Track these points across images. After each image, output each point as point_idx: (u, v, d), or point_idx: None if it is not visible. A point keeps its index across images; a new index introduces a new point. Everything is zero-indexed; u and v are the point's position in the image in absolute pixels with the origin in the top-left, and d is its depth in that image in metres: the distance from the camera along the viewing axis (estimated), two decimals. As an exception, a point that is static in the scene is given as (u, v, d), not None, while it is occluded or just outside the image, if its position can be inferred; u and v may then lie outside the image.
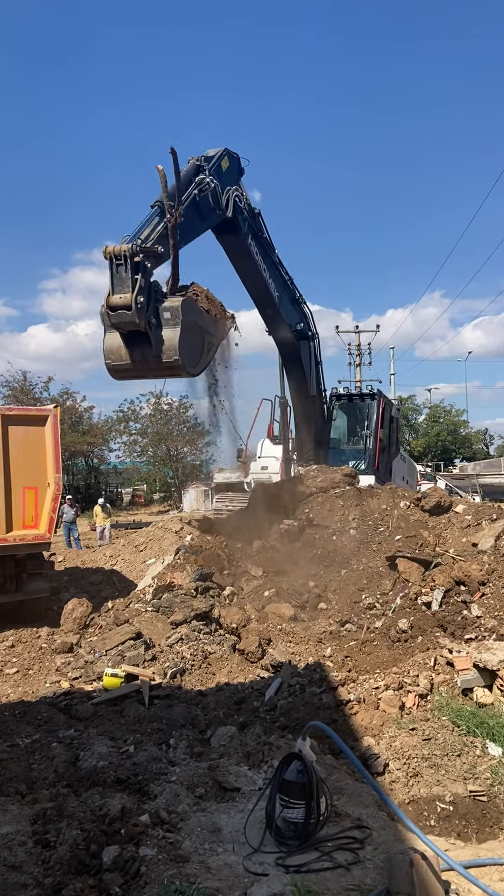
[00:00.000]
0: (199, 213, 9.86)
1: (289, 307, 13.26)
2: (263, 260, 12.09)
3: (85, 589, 12.59)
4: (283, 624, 8.75)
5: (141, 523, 27.28)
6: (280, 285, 12.76)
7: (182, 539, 15.09)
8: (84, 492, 38.80)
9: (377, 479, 14.61)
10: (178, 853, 3.58)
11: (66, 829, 3.83)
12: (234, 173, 10.88)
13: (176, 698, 6.78)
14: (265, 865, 3.47)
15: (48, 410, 11.00)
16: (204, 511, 30.08)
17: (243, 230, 11.26)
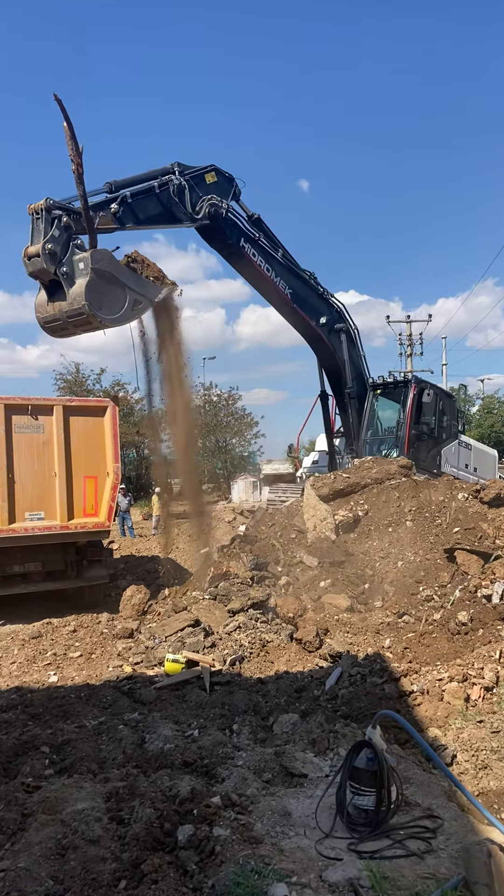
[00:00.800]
0: (161, 204, 11.19)
1: (306, 303, 13.86)
2: (266, 262, 12.90)
3: (141, 576, 12.85)
4: (340, 614, 8.77)
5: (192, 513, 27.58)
6: (292, 283, 13.39)
7: (235, 529, 15.26)
8: (135, 482, 39.35)
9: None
10: (251, 835, 3.65)
11: (139, 808, 3.94)
12: (222, 188, 12.11)
13: (236, 685, 6.87)
14: (337, 850, 3.51)
15: (107, 402, 11.25)
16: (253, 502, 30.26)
17: (231, 239, 12.37)
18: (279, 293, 13.26)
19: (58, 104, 8.64)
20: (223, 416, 42.64)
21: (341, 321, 14.37)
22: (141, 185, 10.98)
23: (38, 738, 5.41)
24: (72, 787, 4.33)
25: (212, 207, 11.82)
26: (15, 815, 3.93)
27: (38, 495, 10.29)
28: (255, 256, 12.76)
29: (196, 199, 11.64)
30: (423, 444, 15.19)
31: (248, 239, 12.69)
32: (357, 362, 14.95)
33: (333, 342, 14.32)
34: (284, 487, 19.08)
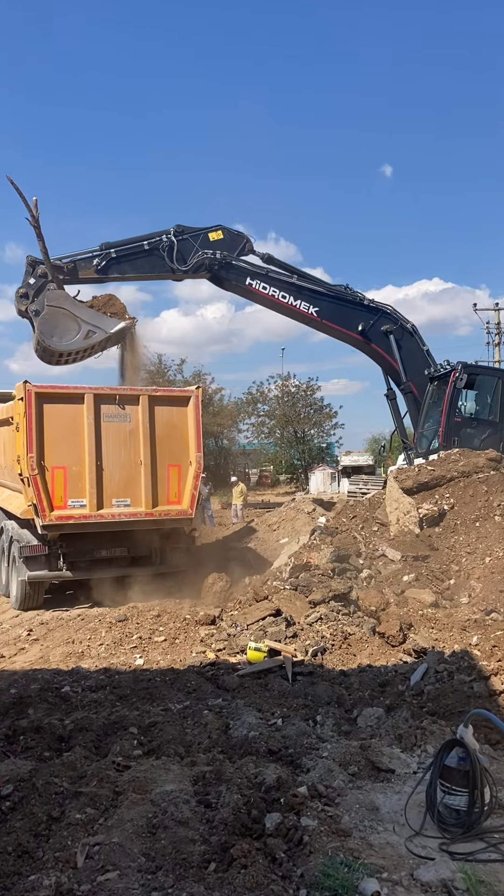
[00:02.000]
0: (148, 261, 13.75)
1: (339, 316, 14.71)
2: (280, 290, 14.36)
3: (222, 565, 12.98)
4: (424, 609, 8.58)
5: (269, 503, 27.72)
6: (316, 302, 14.50)
7: (315, 520, 15.19)
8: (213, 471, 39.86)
9: None
10: (339, 827, 3.62)
11: (225, 793, 3.98)
12: (229, 243, 14.14)
13: (318, 676, 6.84)
14: (428, 850, 3.44)
15: (191, 391, 11.39)
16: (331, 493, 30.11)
17: (229, 281, 14.38)
18: (302, 314, 14.53)
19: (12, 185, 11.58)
20: (301, 406, 42.52)
21: (388, 322, 14.75)
22: (131, 245, 13.52)
23: (127, 720, 5.56)
24: (160, 769, 4.43)
25: (204, 260, 13.85)
26: (107, 792, 4.06)
27: (125, 483, 10.56)
28: (266, 289, 14.34)
29: (189, 255, 13.77)
30: (475, 430, 14.59)
31: (256, 276, 14.31)
32: (413, 358, 14.95)
33: (380, 345, 14.81)
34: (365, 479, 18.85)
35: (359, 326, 14.69)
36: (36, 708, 5.98)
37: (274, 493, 37.80)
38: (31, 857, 3.43)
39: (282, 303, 14.46)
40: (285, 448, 43.26)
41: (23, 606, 10.83)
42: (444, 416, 14.36)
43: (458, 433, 14.35)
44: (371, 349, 14.97)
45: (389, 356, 14.79)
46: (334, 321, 14.71)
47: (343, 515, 12.67)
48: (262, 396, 42.54)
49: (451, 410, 14.32)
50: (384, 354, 14.85)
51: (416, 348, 15.01)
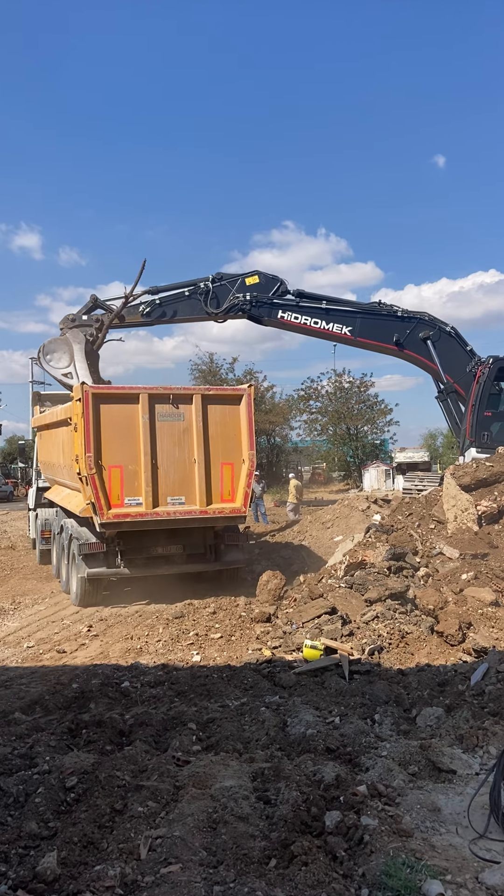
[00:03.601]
0: (189, 305, 15.55)
1: (374, 332, 15.42)
2: (311, 317, 15.41)
3: (276, 562, 13.02)
4: (484, 608, 8.40)
5: (323, 501, 27.58)
6: (348, 323, 15.37)
7: (369, 517, 15.04)
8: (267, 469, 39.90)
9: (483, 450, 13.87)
10: (400, 827, 3.59)
11: (284, 790, 3.99)
12: (265, 286, 15.53)
13: (376, 675, 6.78)
14: (493, 853, 3.37)
15: (243, 390, 11.43)
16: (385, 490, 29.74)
17: (263, 318, 15.66)
18: (336, 335, 15.51)
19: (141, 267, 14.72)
20: (354, 403, 42.14)
21: (425, 328, 15.08)
22: (174, 292, 15.45)
23: (185, 715, 5.63)
24: (219, 765, 4.47)
25: (235, 302, 15.34)
26: (168, 786, 4.12)
27: (179, 481, 10.67)
28: (299, 318, 15.46)
29: (223, 299, 15.34)
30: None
31: (287, 309, 15.47)
32: (456, 359, 15.05)
33: (418, 352, 15.19)
34: (421, 476, 18.58)
35: (394, 338, 15.20)
36: (97, 702, 6.11)
37: (327, 491, 37.61)
38: (96, 848, 3.51)
39: (315, 329, 15.50)
40: (338, 445, 42.96)
41: (83, 603, 11.07)
42: (471, 411, 14.43)
43: (490, 427, 14.33)
44: (410, 357, 15.40)
45: (430, 361, 15.13)
46: (369, 337, 15.46)
47: (398, 513, 12.50)
48: (314, 393, 42.34)
49: (479, 405, 14.35)
50: (424, 360, 15.22)
51: (459, 349, 15.14)
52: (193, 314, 15.75)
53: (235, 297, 15.33)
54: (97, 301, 15.26)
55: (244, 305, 15.37)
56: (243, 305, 15.37)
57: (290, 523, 18.55)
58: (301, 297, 15.74)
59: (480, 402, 14.27)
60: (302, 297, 15.71)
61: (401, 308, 15.50)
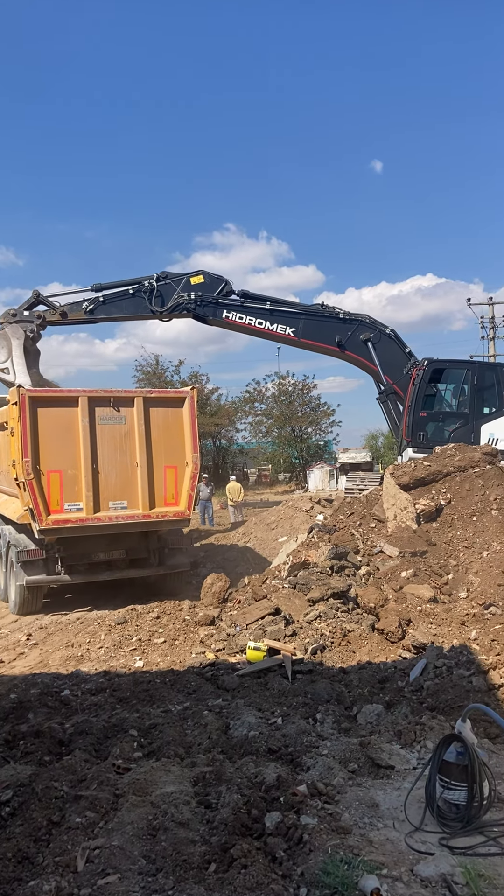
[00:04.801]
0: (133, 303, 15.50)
1: (316, 333, 15.67)
2: (256, 318, 15.64)
3: (221, 565, 13.02)
4: (423, 605, 8.59)
5: (268, 502, 27.68)
6: (292, 324, 15.64)
7: (313, 518, 15.20)
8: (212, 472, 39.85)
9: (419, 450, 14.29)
10: (339, 825, 3.62)
11: (226, 793, 3.98)
12: (209, 286, 15.66)
13: (318, 674, 6.85)
14: (428, 845, 3.44)
15: (185, 392, 11.38)
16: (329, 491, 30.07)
17: (207, 317, 15.77)
18: (280, 336, 15.70)
19: None
20: (298, 405, 42.52)
21: (366, 331, 15.44)
22: (118, 289, 15.40)
23: (127, 722, 5.56)
24: (160, 771, 4.43)
25: (180, 301, 15.43)
26: (108, 794, 4.05)
27: (121, 485, 10.55)
28: (243, 319, 15.67)
29: (168, 297, 15.43)
30: (443, 424, 14.91)
31: (232, 309, 15.65)
32: (395, 361, 15.46)
33: (359, 353, 15.52)
34: (362, 476, 18.86)
35: (336, 339, 15.49)
36: (36, 712, 5.98)
37: (273, 492, 37.77)
38: (30, 863, 3.43)
39: (259, 329, 15.72)
40: (283, 446, 43.27)
41: (22, 611, 10.82)
42: (407, 411, 14.81)
43: (425, 428, 14.76)
44: (351, 358, 15.68)
45: (370, 362, 15.45)
46: (312, 338, 15.71)
47: (341, 513, 12.67)
48: (259, 395, 42.55)
49: (415, 406, 14.74)
50: (365, 361, 15.54)
51: (398, 351, 15.52)
52: (138, 312, 15.77)
53: (180, 296, 15.38)
54: (39, 297, 15.13)
55: (189, 304, 15.46)
56: (188, 304, 15.46)
57: (234, 525, 18.57)
58: (246, 297, 15.94)
59: (416, 403, 14.65)
60: (247, 298, 15.91)
61: (343, 310, 15.79)
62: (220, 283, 15.78)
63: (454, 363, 15.56)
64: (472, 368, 15.36)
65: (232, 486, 22.09)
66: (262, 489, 40.54)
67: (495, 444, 13.57)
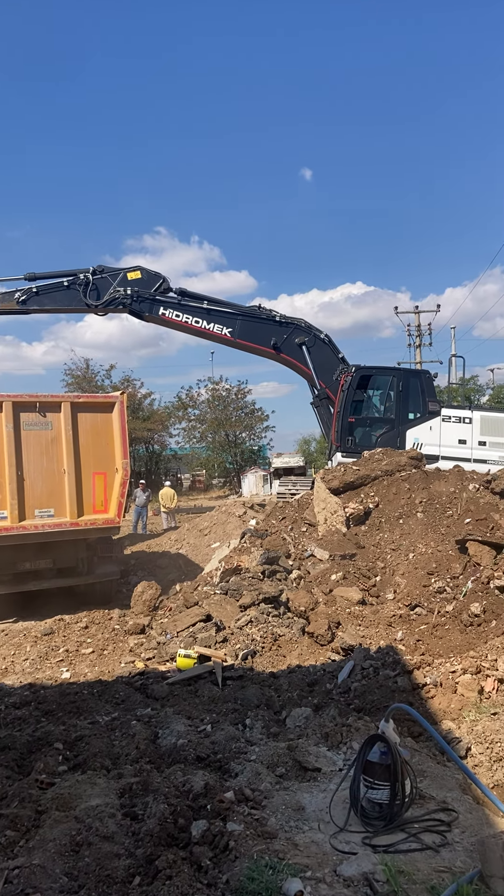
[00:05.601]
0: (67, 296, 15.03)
1: (252, 334, 15.68)
2: (193, 316, 15.58)
3: (152, 572, 12.88)
4: (352, 607, 8.73)
5: (202, 508, 27.61)
6: (229, 324, 15.61)
7: (246, 523, 15.23)
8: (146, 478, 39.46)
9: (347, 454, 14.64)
10: (265, 829, 3.63)
11: (152, 803, 3.93)
12: (146, 282, 15.50)
13: (248, 679, 6.86)
14: (352, 844, 3.49)
15: (115, 397, 11.23)
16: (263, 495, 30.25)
17: (143, 314, 15.53)
18: (217, 335, 15.69)
19: None
20: (232, 410, 42.64)
21: (301, 334, 15.60)
22: (53, 280, 14.89)
23: (52, 735, 5.41)
24: (85, 784, 4.34)
25: (115, 295, 15.14)
26: (29, 812, 3.93)
27: (48, 492, 10.31)
28: (180, 317, 15.59)
29: (104, 291, 15.07)
30: (371, 429, 15.31)
31: (169, 306, 15.56)
32: (328, 366, 15.66)
33: (294, 356, 15.66)
34: (294, 480, 19.04)
35: (271, 341, 15.58)
36: (-45, 730, 5.75)
37: (207, 498, 37.72)
38: None
39: (196, 328, 15.72)
40: (217, 452, 43.29)
41: None
42: (336, 417, 15.09)
43: (353, 433, 15.06)
44: (286, 360, 15.79)
45: (304, 366, 15.59)
46: (248, 339, 15.71)
47: (273, 517, 12.76)
48: (192, 401, 42.44)
49: (343, 411, 15.03)
50: (299, 365, 15.67)
51: (331, 356, 15.75)
52: (72, 305, 15.42)
53: (116, 291, 15.19)
54: None
55: (125, 300, 15.30)
56: (124, 299, 15.29)
57: (166, 531, 18.43)
58: (184, 295, 15.86)
59: (344, 408, 14.94)
60: (184, 296, 15.83)
61: (279, 313, 15.93)
62: (158, 280, 15.66)
63: (380, 370, 15.94)
64: (397, 375, 15.79)
65: (165, 493, 21.93)
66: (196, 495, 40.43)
67: (420, 449, 13.98)
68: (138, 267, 15.72)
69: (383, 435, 14.94)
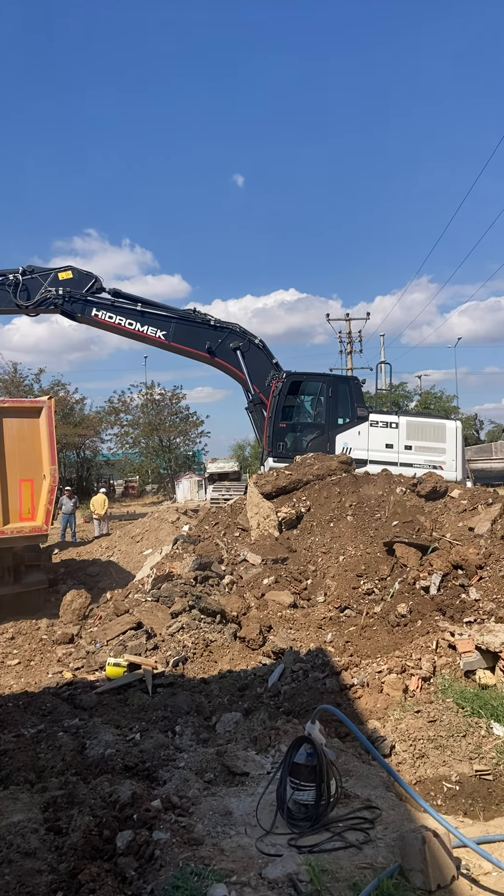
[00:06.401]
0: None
1: (186, 338, 15.68)
2: (126, 318, 15.39)
3: (82, 580, 12.63)
4: (283, 611, 8.80)
5: (135, 514, 27.28)
6: (163, 327, 15.55)
7: (179, 529, 15.14)
8: (76, 484, 38.68)
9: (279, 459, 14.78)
10: (192, 836, 3.61)
11: (77, 816, 3.86)
12: (78, 282, 15.27)
13: (179, 686, 6.82)
14: (278, 847, 3.51)
15: (42, 402, 10.98)
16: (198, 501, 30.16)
17: (76, 314, 15.32)
18: (150, 338, 15.52)
19: None
20: (166, 415, 42.35)
21: (236, 339, 15.62)
22: None
23: (-27, 751, 5.23)
24: (7, 799, 4.21)
25: (47, 296, 14.87)
26: None
27: (-28, 500, 9.98)
28: (113, 318, 15.36)
29: (35, 292, 14.80)
30: (301, 434, 15.49)
31: (102, 307, 15.32)
32: (262, 371, 15.73)
33: (228, 360, 15.69)
34: (228, 485, 19.07)
35: (206, 345, 15.53)
36: None
37: (140, 504, 37.30)
38: None
39: (129, 330, 15.50)
40: (151, 457, 42.87)
41: None
42: (268, 422, 15.19)
43: (285, 438, 15.18)
44: (221, 365, 15.79)
45: (239, 371, 15.62)
46: (182, 342, 15.65)
47: (206, 523, 12.72)
48: (124, 406, 41.92)
49: (275, 417, 15.14)
50: (234, 369, 15.68)
51: (265, 361, 15.82)
52: (1, 306, 15.04)
53: (48, 291, 14.90)
54: None
55: (56, 300, 15.00)
56: (55, 300, 15.00)
57: (96, 538, 18.13)
58: (118, 296, 15.66)
59: (276, 414, 15.04)
60: (118, 297, 15.63)
61: (214, 317, 15.87)
62: (90, 280, 15.44)
63: (311, 376, 16.12)
64: (326, 381, 16.00)
65: (96, 499, 21.58)
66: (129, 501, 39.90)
67: (349, 453, 14.24)
68: (70, 267, 15.46)
69: (314, 440, 15.13)
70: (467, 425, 63.42)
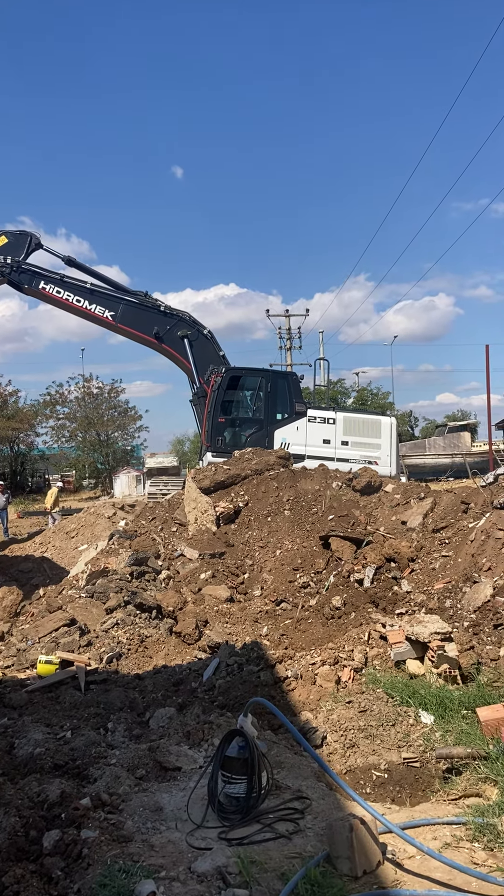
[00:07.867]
0: None
1: (135, 320, 15.55)
2: (75, 294, 15.08)
3: (14, 577, 12.33)
4: (220, 605, 8.81)
5: (71, 510, 26.77)
6: (112, 307, 15.30)
7: (115, 524, 14.95)
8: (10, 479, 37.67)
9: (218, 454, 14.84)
10: (121, 833, 3.57)
11: (2, 817, 3.75)
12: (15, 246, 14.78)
13: (113, 682, 6.73)
14: (208, 840, 3.51)
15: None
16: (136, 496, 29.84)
17: (23, 285, 14.99)
18: (97, 318, 15.28)
19: None
20: (104, 409, 41.67)
21: (184, 327, 15.57)
22: None
23: None
24: None
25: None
26: None
27: None
28: (61, 293, 15.01)
29: None
30: (240, 429, 15.65)
31: (50, 280, 14.96)
32: (209, 362, 15.69)
33: (175, 348, 15.64)
34: (166, 480, 18.94)
35: (154, 330, 15.36)
36: None
37: (77, 499, 36.61)
38: None
39: (76, 307, 15.14)
40: (88, 451, 42.11)
41: None
42: (207, 417, 15.22)
43: (223, 433, 15.24)
44: (167, 352, 15.67)
45: (185, 359, 15.55)
46: (130, 325, 15.40)
47: (143, 518, 12.61)
48: (61, 398, 41.02)
49: (213, 412, 15.19)
50: (179, 357, 15.60)
51: (212, 353, 15.79)
52: None
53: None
54: None
55: (4, 268, 14.60)
56: (2, 268, 14.60)
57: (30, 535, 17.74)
58: (71, 264, 15.32)
59: (215, 408, 15.05)
60: (73, 265, 15.29)
61: (164, 303, 15.74)
62: (26, 238, 15.07)
63: (249, 371, 16.17)
64: (265, 376, 16.08)
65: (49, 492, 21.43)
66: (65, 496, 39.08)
67: (287, 448, 14.35)
68: (3, 231, 14.94)
69: (252, 435, 15.19)
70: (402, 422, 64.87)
